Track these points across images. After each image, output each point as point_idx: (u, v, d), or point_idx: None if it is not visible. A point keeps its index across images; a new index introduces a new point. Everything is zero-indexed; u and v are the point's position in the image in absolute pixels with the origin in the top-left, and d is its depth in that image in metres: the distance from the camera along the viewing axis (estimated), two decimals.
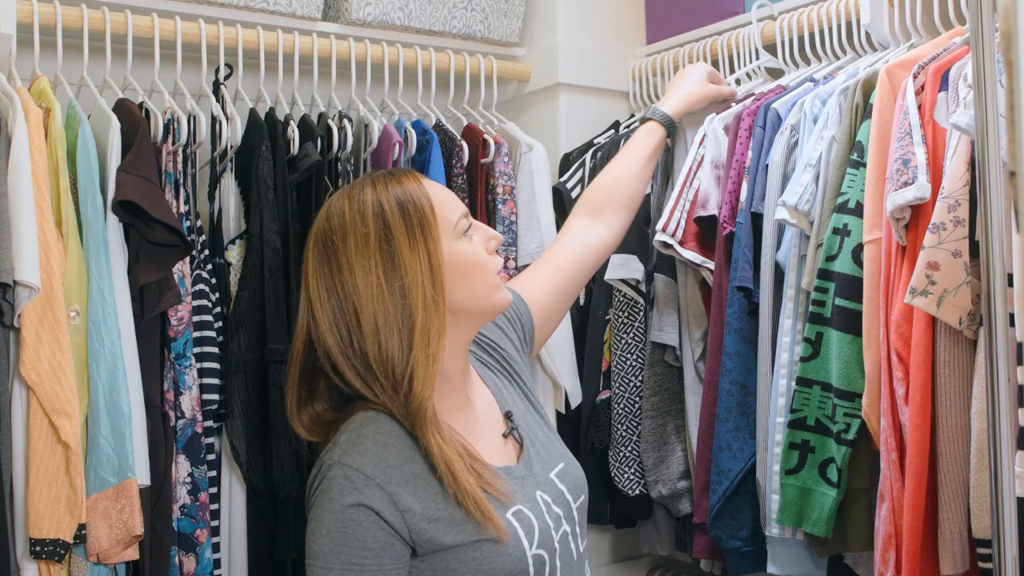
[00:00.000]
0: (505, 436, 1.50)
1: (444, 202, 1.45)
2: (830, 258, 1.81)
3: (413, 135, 2.26)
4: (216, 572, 2.04)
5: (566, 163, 2.54)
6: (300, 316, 1.44)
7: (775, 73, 2.30)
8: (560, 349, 2.36)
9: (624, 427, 2.26)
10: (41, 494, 1.77)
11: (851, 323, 1.78)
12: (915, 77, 1.77)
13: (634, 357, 2.26)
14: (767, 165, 1.99)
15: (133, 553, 1.85)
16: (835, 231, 1.81)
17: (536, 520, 1.39)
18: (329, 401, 1.44)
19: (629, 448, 2.26)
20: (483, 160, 2.34)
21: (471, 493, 1.33)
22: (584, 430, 2.37)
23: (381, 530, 1.32)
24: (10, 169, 1.78)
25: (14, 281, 1.73)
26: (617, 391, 2.29)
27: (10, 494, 1.79)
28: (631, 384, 2.26)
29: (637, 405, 2.25)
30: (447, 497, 1.34)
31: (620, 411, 2.27)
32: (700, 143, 2.15)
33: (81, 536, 1.79)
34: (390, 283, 1.36)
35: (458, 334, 1.45)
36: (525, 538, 1.37)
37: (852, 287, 1.78)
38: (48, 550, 1.76)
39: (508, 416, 1.53)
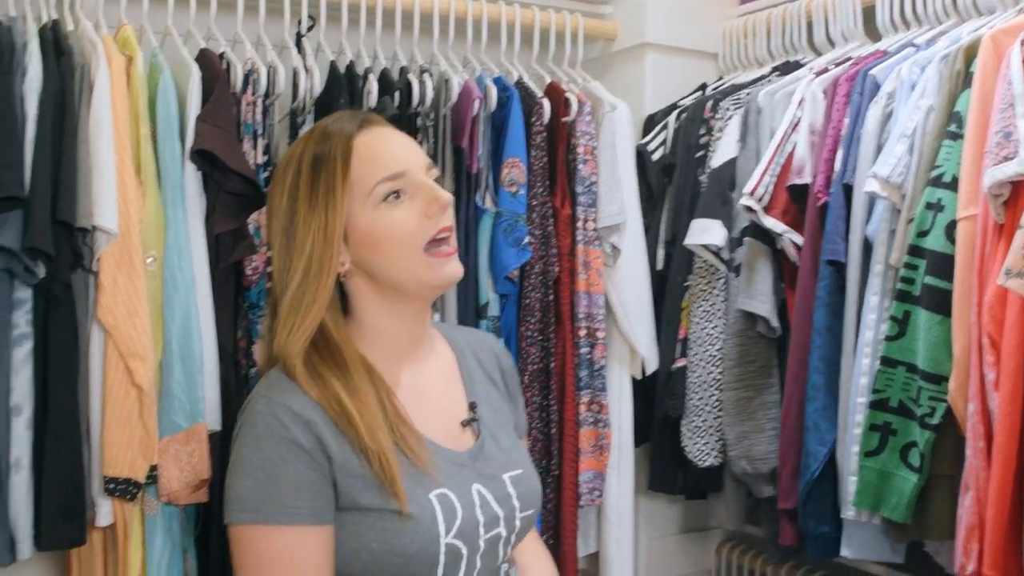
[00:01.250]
0: (464, 425, 1.39)
1: (371, 162, 1.30)
2: (922, 234, 1.73)
3: (493, 91, 2.22)
4: None
5: (650, 124, 2.48)
6: None
7: (873, 35, 2.19)
8: (638, 314, 2.32)
9: (699, 397, 2.21)
10: (116, 434, 1.81)
11: (941, 303, 1.70)
12: (1022, 44, 1.66)
13: (712, 325, 2.20)
14: (860, 135, 1.90)
15: (202, 496, 1.89)
16: (928, 206, 1.72)
17: (462, 509, 1.28)
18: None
19: (703, 418, 2.21)
20: (564, 119, 2.29)
21: (377, 450, 1.23)
22: (659, 398, 2.33)
23: (312, 471, 1.22)
24: (91, 116, 1.80)
25: (93, 226, 1.76)
26: (694, 359, 2.23)
27: (87, 433, 1.84)
28: (708, 353, 2.21)
29: (713, 375, 2.20)
30: (362, 455, 1.24)
31: (696, 380, 2.22)
32: (798, 105, 2.07)
33: (153, 477, 1.83)
34: (287, 236, 1.31)
35: (397, 306, 1.35)
36: (443, 523, 1.25)
37: (943, 265, 1.70)
38: (121, 488, 1.81)
39: (472, 407, 1.42)
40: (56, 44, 1.84)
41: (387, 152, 1.32)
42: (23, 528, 1.78)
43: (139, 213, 1.84)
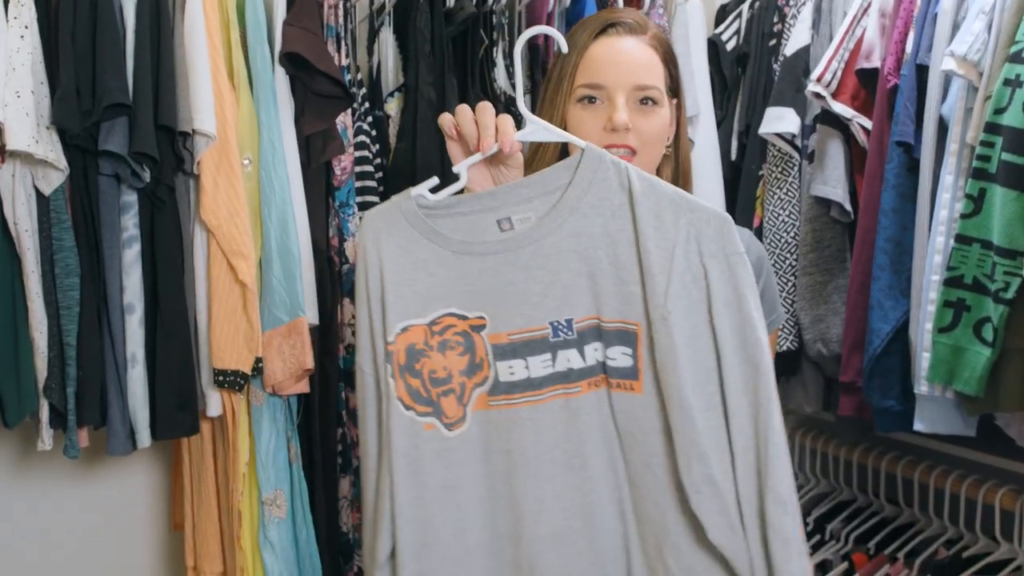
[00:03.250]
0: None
1: (588, 64, 1.43)
2: (999, 111, 1.74)
3: None
4: None
5: (722, 14, 2.49)
6: None
7: None
8: (711, 204, 2.36)
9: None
10: (222, 329, 1.91)
11: (1018, 179, 1.72)
12: None
13: (786, 213, 2.24)
14: (936, 14, 1.90)
15: (304, 386, 2.00)
16: (1006, 82, 1.73)
17: None
18: None
19: None
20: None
21: None
22: None
23: None
24: (185, 24, 1.87)
25: (193, 130, 1.84)
26: (769, 247, 2.28)
27: (195, 328, 1.95)
28: (783, 240, 2.25)
29: (788, 261, 2.24)
30: None
31: (772, 267, 2.27)
32: None
33: (258, 369, 1.94)
34: (539, 111, 1.45)
35: None
36: None
37: (1021, 141, 1.71)
38: (229, 380, 1.92)
39: None
40: None
41: (602, 60, 1.43)
42: (141, 419, 1.90)
43: (234, 117, 1.91)
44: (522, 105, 1.31)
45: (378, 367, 1.28)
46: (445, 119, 1.32)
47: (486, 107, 1.28)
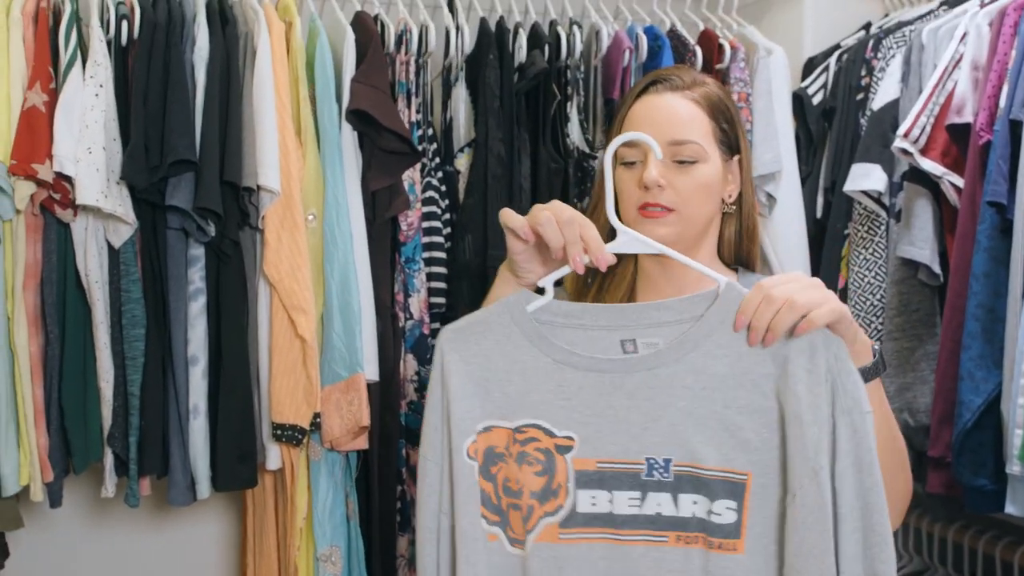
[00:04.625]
0: None
1: (629, 124, 1.39)
2: None
3: (644, 40, 2.21)
4: None
5: (810, 67, 2.40)
6: None
7: None
8: (795, 264, 2.26)
9: None
10: (282, 383, 1.92)
11: None
12: None
13: (872, 274, 2.13)
14: None
15: (362, 443, 1.98)
16: None
17: None
18: None
19: None
20: (718, 66, 2.25)
21: None
22: None
23: None
24: (255, 81, 1.90)
25: (257, 185, 1.87)
26: (854, 309, 2.16)
27: (257, 381, 1.96)
28: (869, 303, 2.14)
29: (874, 325, 2.13)
30: None
31: None
32: (960, 40, 1.95)
33: (316, 424, 1.93)
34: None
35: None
36: None
37: None
38: (288, 434, 1.92)
39: None
40: (222, 13, 1.96)
41: (638, 119, 1.39)
42: (201, 470, 1.92)
43: (300, 172, 1.93)
44: (612, 216, 1.23)
45: (447, 454, 1.21)
46: (515, 220, 1.24)
47: (573, 217, 1.20)
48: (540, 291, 1.24)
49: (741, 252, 1.47)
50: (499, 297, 1.27)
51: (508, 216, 1.25)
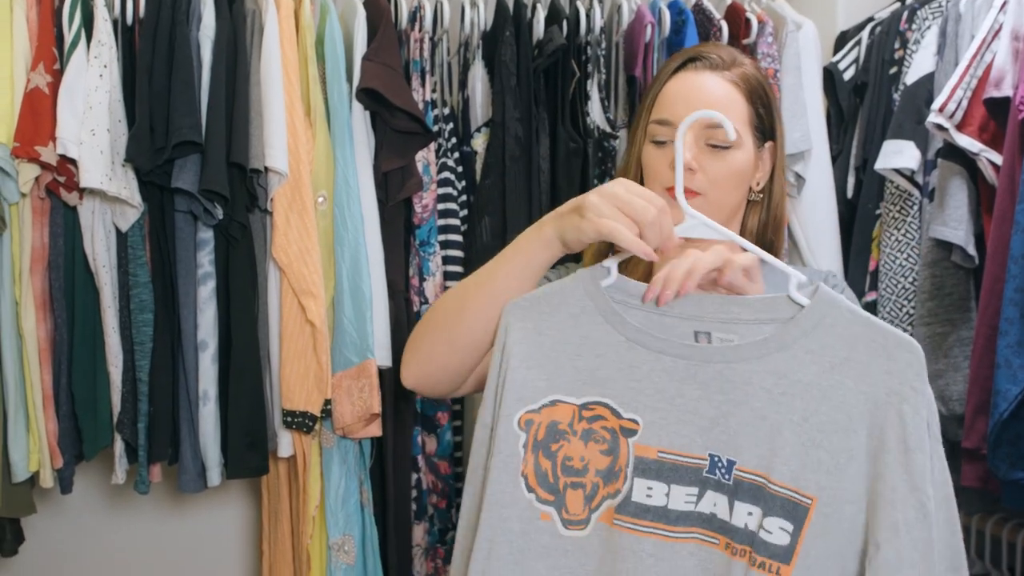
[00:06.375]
0: None
1: (662, 101, 1.33)
2: None
3: (667, 15, 2.13)
4: (456, 454, 2.10)
5: (842, 41, 2.31)
6: None
7: None
8: (824, 246, 2.18)
9: None
10: (292, 369, 1.88)
11: None
12: None
13: (904, 256, 2.04)
14: None
15: (376, 429, 1.94)
16: None
17: None
18: None
19: None
20: (744, 41, 2.16)
21: None
22: None
23: None
24: (262, 60, 1.86)
25: (265, 167, 1.82)
26: (885, 292, 2.08)
27: (268, 367, 1.92)
28: (900, 285, 2.05)
29: (906, 309, 2.04)
30: None
31: (887, 314, 2.07)
32: (1000, 9, 1.85)
33: (327, 411, 1.89)
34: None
35: None
36: None
37: None
38: (299, 421, 1.88)
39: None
40: None
41: (674, 97, 1.32)
42: (212, 457, 1.89)
43: (309, 154, 1.88)
44: (683, 200, 1.16)
45: (497, 422, 1.16)
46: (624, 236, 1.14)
47: (664, 208, 1.13)
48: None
49: (764, 243, 1.39)
50: (532, 258, 1.22)
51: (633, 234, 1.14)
